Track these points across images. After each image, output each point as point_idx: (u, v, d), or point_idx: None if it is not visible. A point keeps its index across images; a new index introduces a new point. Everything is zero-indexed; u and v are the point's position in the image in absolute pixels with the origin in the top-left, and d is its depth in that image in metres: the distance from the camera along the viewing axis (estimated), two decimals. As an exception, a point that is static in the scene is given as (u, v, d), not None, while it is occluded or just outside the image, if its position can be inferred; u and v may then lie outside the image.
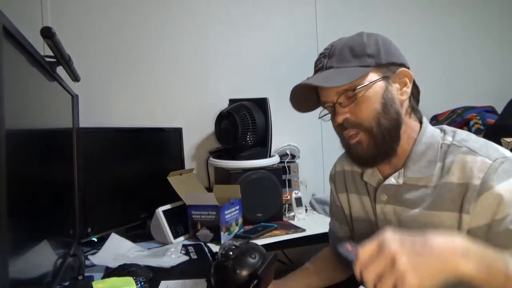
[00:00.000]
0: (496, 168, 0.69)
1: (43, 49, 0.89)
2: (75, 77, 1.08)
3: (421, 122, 0.83)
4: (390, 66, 0.77)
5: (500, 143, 1.11)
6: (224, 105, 1.77)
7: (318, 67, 0.81)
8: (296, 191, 1.77)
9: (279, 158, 1.78)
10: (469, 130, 1.91)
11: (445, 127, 0.83)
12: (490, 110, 1.98)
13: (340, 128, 0.80)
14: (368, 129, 0.76)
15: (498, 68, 2.38)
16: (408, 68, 0.81)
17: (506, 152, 0.72)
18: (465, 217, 0.70)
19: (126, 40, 1.78)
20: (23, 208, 0.63)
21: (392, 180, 0.80)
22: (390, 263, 0.54)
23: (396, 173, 0.80)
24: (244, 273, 0.79)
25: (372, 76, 0.76)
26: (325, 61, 0.79)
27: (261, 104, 1.71)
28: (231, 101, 1.76)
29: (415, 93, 0.84)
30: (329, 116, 0.85)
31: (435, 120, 2.11)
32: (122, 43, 1.78)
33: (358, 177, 0.91)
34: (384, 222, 0.83)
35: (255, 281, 0.77)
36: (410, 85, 0.79)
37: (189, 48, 1.89)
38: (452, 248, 0.55)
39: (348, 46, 0.78)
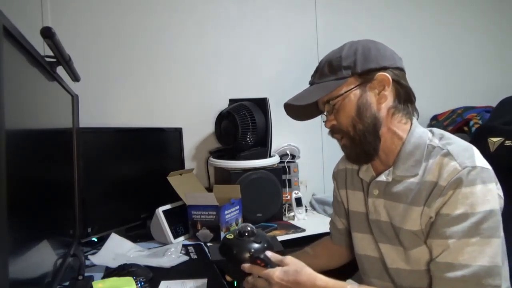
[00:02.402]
0: (461, 176, 0.75)
1: (43, 49, 0.89)
2: (75, 77, 1.08)
3: (411, 123, 0.88)
4: (367, 74, 0.84)
5: (487, 143, 1.13)
6: (224, 105, 1.77)
7: (309, 82, 0.94)
8: (296, 191, 1.77)
9: (279, 158, 1.78)
10: (469, 130, 1.91)
11: (434, 129, 0.89)
12: (490, 110, 1.98)
13: (330, 133, 0.92)
14: (346, 133, 0.87)
15: (498, 68, 2.38)
16: (399, 69, 0.86)
17: (479, 161, 0.78)
18: (425, 210, 0.80)
19: (126, 40, 1.78)
20: (23, 208, 0.63)
21: (383, 177, 0.89)
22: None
23: (387, 171, 0.88)
24: (246, 254, 0.88)
25: (348, 86, 0.85)
26: (312, 77, 0.93)
27: (261, 104, 1.71)
28: (231, 101, 1.77)
29: (402, 94, 0.87)
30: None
31: (435, 120, 2.11)
32: (122, 43, 1.78)
33: (355, 174, 0.99)
34: (374, 214, 0.91)
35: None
36: (388, 88, 0.84)
37: (189, 48, 1.89)
38: None
39: (328, 61, 0.88)
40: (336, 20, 2.09)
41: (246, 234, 0.91)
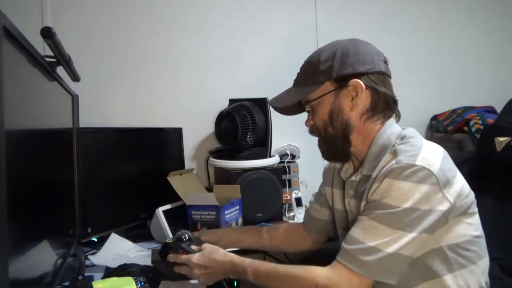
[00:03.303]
0: (392, 169, 0.79)
1: (43, 49, 0.89)
2: (75, 77, 1.08)
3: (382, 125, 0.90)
4: (342, 79, 0.87)
5: (494, 143, 1.13)
6: (224, 105, 1.77)
7: (293, 79, 0.99)
8: (296, 191, 1.77)
9: (279, 158, 1.78)
10: (469, 130, 1.91)
11: (406, 130, 0.90)
12: (490, 110, 1.98)
13: (309, 131, 0.98)
14: (320, 134, 0.93)
15: (498, 68, 2.38)
16: (380, 73, 0.87)
17: (422, 161, 0.78)
18: (362, 204, 0.85)
19: (126, 40, 1.78)
20: (23, 208, 0.63)
21: (353, 177, 0.93)
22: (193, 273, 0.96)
23: (357, 171, 0.92)
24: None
25: (322, 91, 0.89)
26: (296, 77, 0.98)
27: (261, 104, 1.70)
28: (231, 101, 1.76)
29: (379, 99, 0.88)
30: None
31: (435, 120, 2.11)
32: (122, 43, 1.78)
33: (337, 173, 1.03)
34: (351, 214, 0.95)
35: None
36: (361, 95, 0.86)
37: (190, 48, 1.89)
38: (222, 272, 0.94)
39: (309, 63, 0.93)
40: (336, 20, 2.09)
41: (184, 239, 1.04)
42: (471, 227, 0.84)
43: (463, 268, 0.82)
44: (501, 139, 1.13)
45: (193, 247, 1.01)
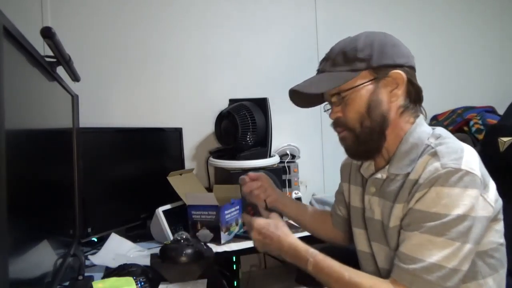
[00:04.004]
0: (440, 175, 0.74)
1: (43, 49, 0.89)
2: (75, 77, 1.08)
3: (414, 122, 0.86)
4: (382, 69, 0.81)
5: (497, 143, 1.13)
6: (224, 105, 1.77)
7: (317, 69, 0.90)
8: (296, 191, 1.77)
9: (279, 158, 1.78)
10: (469, 130, 1.91)
11: (437, 128, 0.87)
12: (490, 110, 1.98)
13: (333, 125, 0.90)
14: (352, 129, 0.85)
15: (498, 68, 2.38)
16: (412, 68, 0.85)
17: (466, 165, 0.75)
18: (404, 206, 0.80)
19: (126, 40, 1.78)
20: (23, 208, 0.63)
21: (378, 174, 0.88)
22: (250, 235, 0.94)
23: (383, 169, 0.87)
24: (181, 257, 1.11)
25: (361, 80, 0.82)
26: (322, 64, 0.88)
27: (261, 104, 1.71)
28: (231, 101, 1.76)
29: (413, 93, 0.85)
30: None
31: (435, 120, 2.11)
32: (122, 43, 1.78)
33: (357, 170, 0.99)
34: (369, 211, 0.91)
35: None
36: (401, 87, 0.82)
37: (190, 48, 1.89)
38: (280, 248, 0.88)
39: (342, 50, 0.84)
40: (337, 19, 2.09)
41: (182, 240, 1.09)
42: (498, 233, 0.81)
43: (488, 277, 0.80)
44: (505, 139, 1.13)
45: (263, 211, 1.00)
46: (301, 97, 0.88)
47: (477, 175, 0.75)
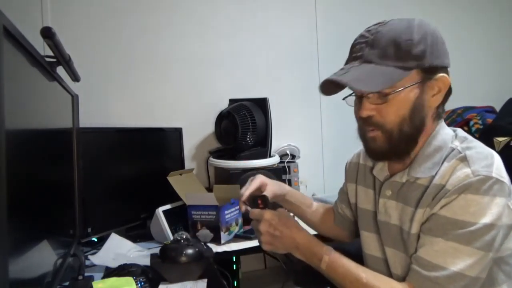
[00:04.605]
0: (470, 183, 0.71)
1: (43, 49, 0.89)
2: (75, 77, 1.08)
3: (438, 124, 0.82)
4: (431, 70, 0.75)
5: (493, 143, 1.12)
6: (224, 105, 1.77)
7: (357, 55, 0.76)
8: (296, 191, 1.77)
9: (279, 158, 1.78)
10: (469, 130, 1.91)
11: (458, 130, 0.83)
12: (490, 110, 1.98)
13: (362, 121, 0.80)
14: (388, 131, 0.77)
15: (498, 68, 2.38)
16: (447, 71, 0.79)
17: (496, 172, 0.72)
18: (427, 211, 0.76)
19: (126, 40, 1.78)
20: (23, 208, 0.63)
21: (397, 177, 0.83)
22: (259, 228, 0.86)
23: (402, 172, 0.82)
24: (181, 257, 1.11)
25: (410, 80, 0.73)
26: (366, 50, 0.75)
27: (261, 104, 1.70)
28: (231, 101, 1.76)
29: (445, 98, 0.81)
30: (352, 99, 0.83)
31: (435, 120, 2.11)
32: (122, 43, 1.78)
33: (368, 171, 0.94)
34: (384, 215, 0.86)
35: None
36: (444, 92, 0.77)
37: (189, 48, 1.89)
38: (292, 243, 0.84)
39: (395, 40, 0.73)
40: (336, 19, 2.09)
41: (182, 240, 1.10)
42: None
43: (503, 283, 0.78)
44: (500, 139, 1.13)
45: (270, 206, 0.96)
46: (336, 86, 0.76)
47: (506, 183, 0.72)
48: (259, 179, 1.03)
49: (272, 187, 1.05)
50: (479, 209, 0.70)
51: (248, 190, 0.97)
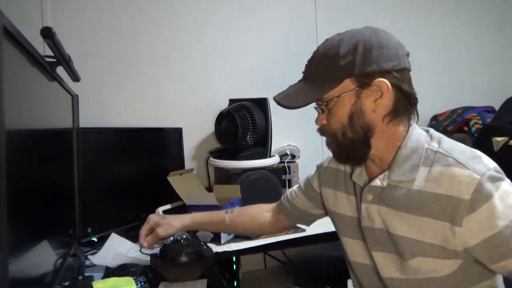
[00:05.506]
0: (484, 185, 0.71)
1: (43, 49, 0.89)
2: (75, 77, 1.08)
3: (409, 125, 0.83)
4: (365, 77, 0.77)
5: (491, 143, 1.12)
6: (224, 105, 1.77)
7: (303, 74, 0.88)
8: (296, 191, 1.77)
9: (279, 158, 1.78)
10: (469, 130, 1.91)
11: (431, 131, 0.84)
12: (490, 110, 1.98)
13: (319, 130, 0.88)
14: (334, 137, 0.83)
15: (498, 68, 2.38)
16: (403, 70, 0.78)
17: (489, 162, 0.75)
18: (458, 230, 0.73)
19: (126, 40, 1.78)
20: (23, 208, 0.63)
21: (377, 181, 0.83)
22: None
23: (382, 175, 0.82)
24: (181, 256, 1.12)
25: (342, 89, 0.78)
26: (307, 68, 0.87)
27: (261, 104, 1.71)
28: (231, 101, 1.76)
29: (402, 99, 0.79)
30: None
31: (435, 120, 2.11)
32: (122, 43, 1.78)
33: (348, 177, 0.93)
34: (368, 220, 0.85)
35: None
36: (386, 96, 0.77)
37: (189, 48, 1.89)
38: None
39: (325, 56, 0.81)
40: (336, 19, 2.09)
41: (182, 240, 1.12)
42: None
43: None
44: (499, 139, 1.13)
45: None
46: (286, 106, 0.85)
47: (497, 166, 0.75)
48: (151, 220, 1.11)
49: (170, 221, 1.11)
50: (507, 203, 0.71)
51: (141, 238, 1.08)
